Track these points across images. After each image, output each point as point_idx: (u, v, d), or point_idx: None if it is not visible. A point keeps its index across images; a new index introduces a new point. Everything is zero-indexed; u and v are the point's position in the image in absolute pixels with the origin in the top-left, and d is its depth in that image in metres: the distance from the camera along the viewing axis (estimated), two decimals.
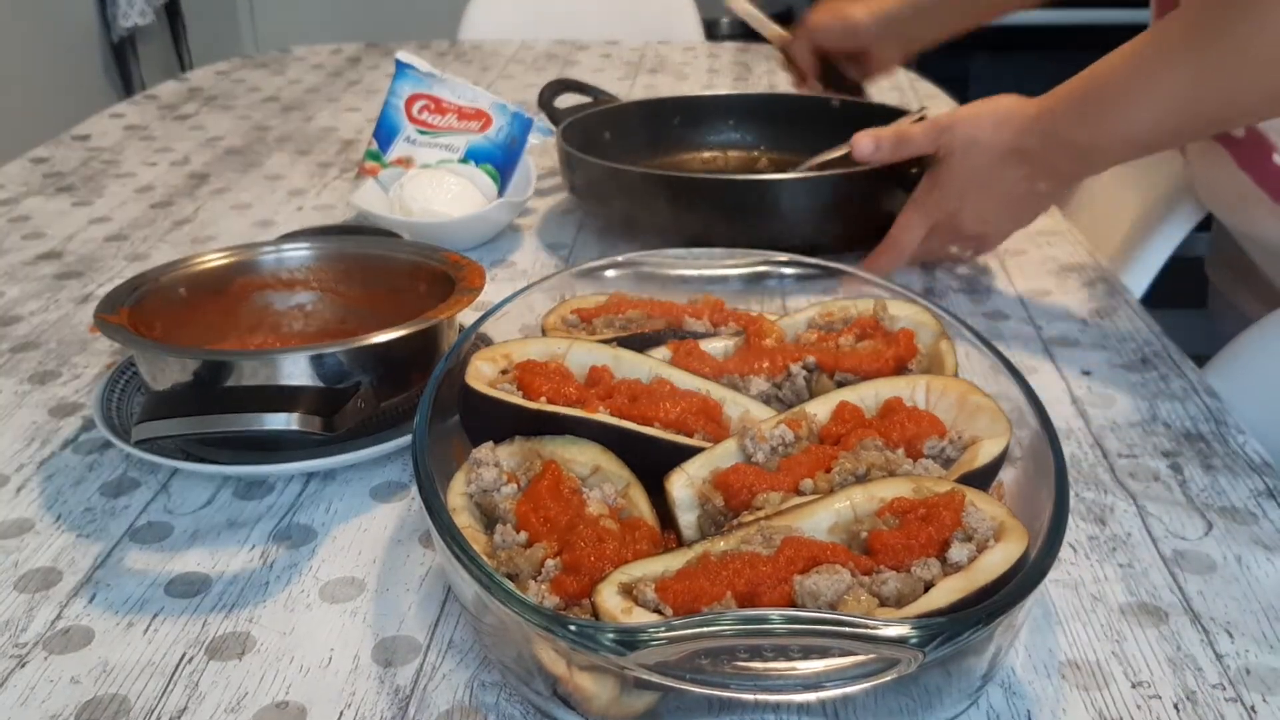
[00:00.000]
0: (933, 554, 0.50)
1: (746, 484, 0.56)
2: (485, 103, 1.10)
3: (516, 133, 1.09)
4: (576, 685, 0.47)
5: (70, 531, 0.66)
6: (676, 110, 1.23)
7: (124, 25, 2.89)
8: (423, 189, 1.03)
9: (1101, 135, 0.82)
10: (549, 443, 0.59)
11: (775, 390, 0.66)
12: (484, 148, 1.09)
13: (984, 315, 0.92)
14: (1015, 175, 0.87)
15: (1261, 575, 0.61)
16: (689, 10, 2.15)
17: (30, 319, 0.93)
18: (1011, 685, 0.54)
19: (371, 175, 1.08)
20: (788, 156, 1.21)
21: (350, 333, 0.77)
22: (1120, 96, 0.81)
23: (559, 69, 1.70)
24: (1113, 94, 0.82)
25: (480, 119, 1.10)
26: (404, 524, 0.66)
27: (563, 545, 0.53)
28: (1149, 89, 0.80)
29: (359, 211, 1.05)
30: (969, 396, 0.61)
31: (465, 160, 1.09)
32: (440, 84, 1.11)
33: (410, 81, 1.11)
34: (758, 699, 0.46)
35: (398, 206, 1.03)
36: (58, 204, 1.18)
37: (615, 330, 0.71)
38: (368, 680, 0.55)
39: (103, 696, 0.54)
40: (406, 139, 1.10)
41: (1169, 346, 0.86)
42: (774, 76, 1.66)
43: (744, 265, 0.77)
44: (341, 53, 1.85)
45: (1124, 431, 0.75)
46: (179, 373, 0.68)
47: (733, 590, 0.48)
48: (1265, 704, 0.53)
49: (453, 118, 1.10)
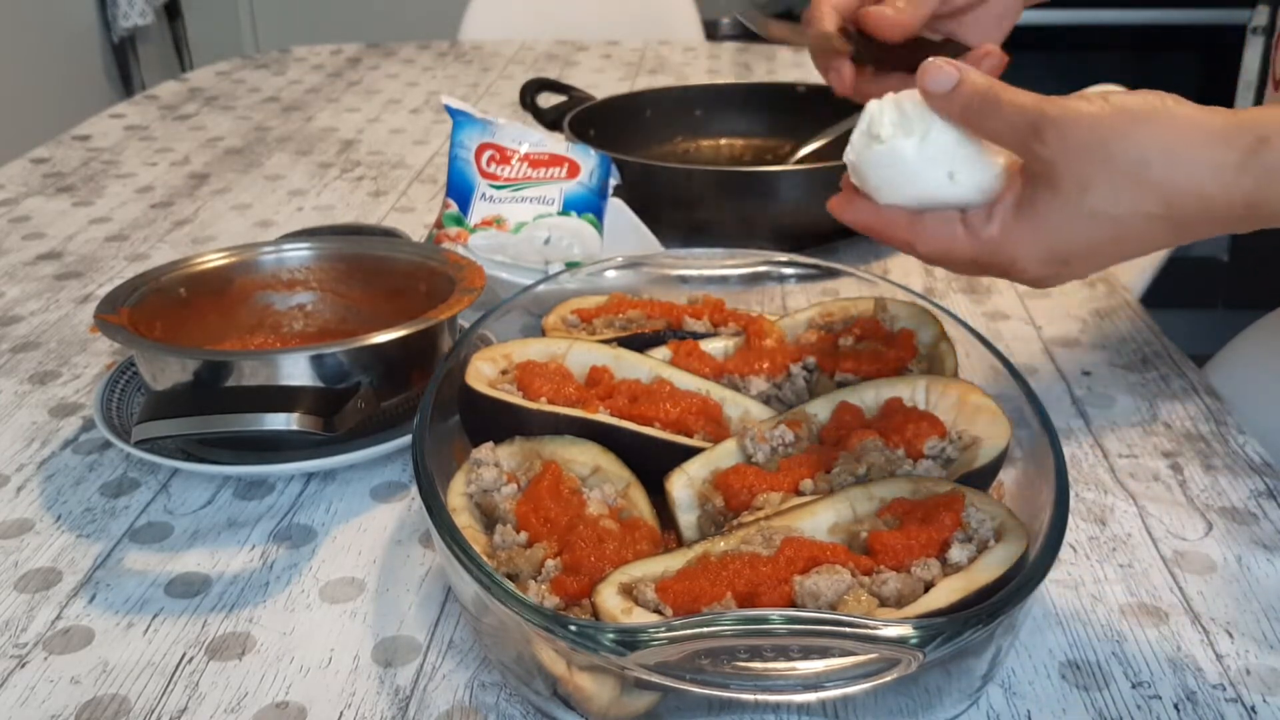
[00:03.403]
0: (933, 554, 0.50)
1: (746, 484, 0.56)
2: (558, 147, 0.96)
3: (604, 175, 0.96)
4: (576, 685, 0.47)
5: (70, 531, 0.66)
6: (648, 104, 1.25)
7: (124, 25, 2.89)
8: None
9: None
10: (549, 443, 0.59)
11: (775, 390, 0.66)
12: (581, 195, 0.94)
13: (984, 315, 0.92)
14: (1166, 235, 0.54)
15: (1261, 575, 0.61)
16: (689, 10, 2.15)
17: (30, 319, 0.93)
18: (1011, 685, 0.54)
19: (460, 243, 0.90)
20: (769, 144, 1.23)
21: (350, 333, 0.77)
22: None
23: (559, 69, 1.70)
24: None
25: (560, 164, 0.95)
26: (404, 524, 0.66)
27: (563, 545, 0.53)
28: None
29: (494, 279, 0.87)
30: (969, 396, 0.61)
31: (565, 212, 0.93)
32: (499, 130, 0.96)
33: (474, 130, 0.95)
34: (758, 699, 0.46)
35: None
36: (58, 204, 1.18)
37: (615, 330, 0.71)
38: (368, 680, 0.55)
39: (103, 696, 0.54)
40: (483, 196, 0.94)
41: (1169, 346, 0.86)
42: (774, 77, 1.66)
43: (744, 265, 0.77)
44: (341, 53, 1.85)
45: (1124, 431, 0.75)
46: (179, 373, 0.68)
47: (733, 590, 0.48)
48: (1265, 704, 0.53)
49: (525, 166, 0.94)
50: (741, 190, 1.01)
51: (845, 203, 0.61)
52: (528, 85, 1.22)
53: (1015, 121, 0.54)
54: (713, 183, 1.02)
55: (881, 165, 0.57)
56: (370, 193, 1.21)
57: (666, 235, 0.98)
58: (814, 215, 1.00)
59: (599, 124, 1.15)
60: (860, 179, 0.59)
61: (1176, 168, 0.51)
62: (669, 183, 1.02)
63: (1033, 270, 0.57)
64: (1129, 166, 0.52)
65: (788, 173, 1.03)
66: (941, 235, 0.57)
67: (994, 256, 0.57)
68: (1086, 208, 0.53)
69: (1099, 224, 0.53)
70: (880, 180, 0.58)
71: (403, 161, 1.31)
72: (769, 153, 1.22)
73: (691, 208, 1.01)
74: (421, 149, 1.35)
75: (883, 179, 0.57)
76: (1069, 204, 0.53)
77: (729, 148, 1.25)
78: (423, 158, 1.32)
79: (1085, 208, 0.53)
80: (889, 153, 0.57)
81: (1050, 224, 0.55)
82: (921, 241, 0.58)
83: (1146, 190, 0.52)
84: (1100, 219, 0.53)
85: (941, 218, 0.57)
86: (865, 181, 0.58)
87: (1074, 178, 0.53)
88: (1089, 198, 0.53)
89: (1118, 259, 0.56)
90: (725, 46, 1.88)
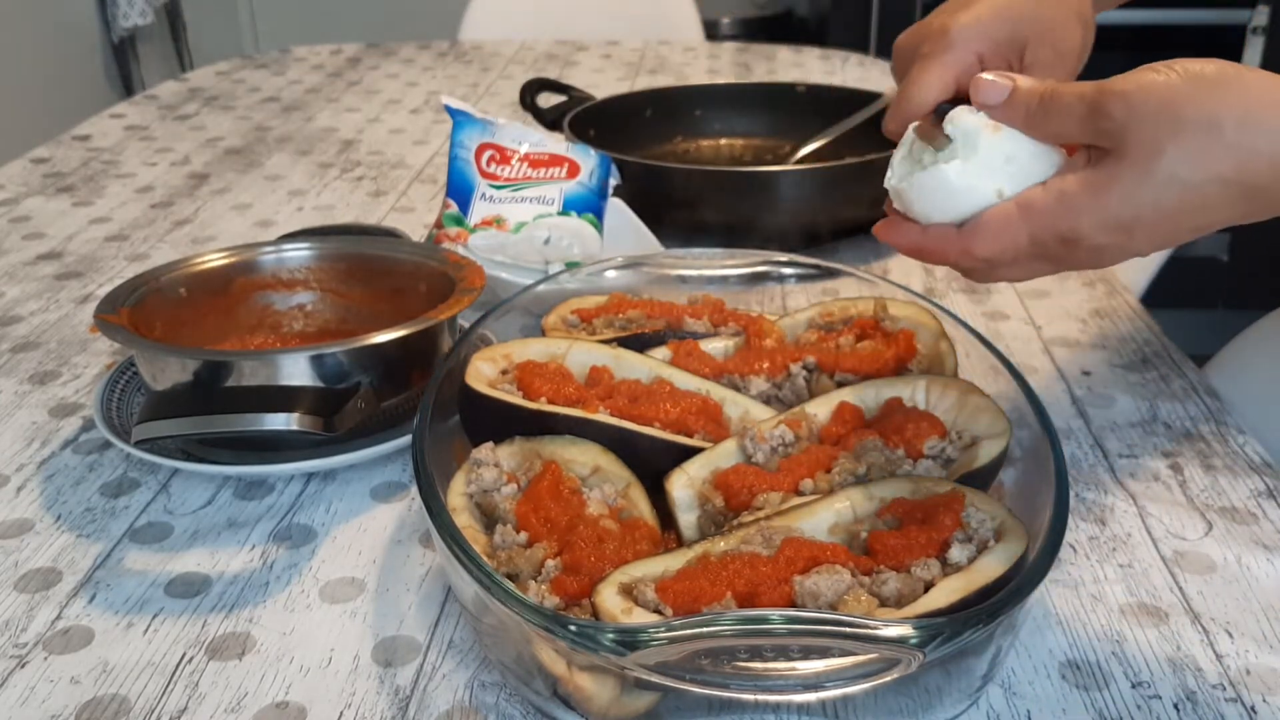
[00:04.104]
0: (933, 554, 0.50)
1: (746, 484, 0.56)
2: (558, 147, 0.96)
3: (604, 175, 0.96)
4: (576, 685, 0.47)
5: (70, 531, 0.66)
6: (648, 104, 1.25)
7: (124, 25, 2.89)
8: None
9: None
10: (549, 443, 0.59)
11: (775, 390, 0.66)
12: (581, 195, 0.94)
13: (984, 315, 0.92)
14: (1235, 204, 0.52)
15: (1261, 575, 0.61)
16: (689, 10, 2.15)
17: (30, 319, 0.93)
18: (1011, 685, 0.54)
19: (460, 243, 0.91)
20: (769, 144, 1.24)
21: (350, 333, 0.78)
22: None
23: (559, 69, 1.70)
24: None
25: (560, 164, 0.95)
26: (404, 524, 0.66)
27: (563, 545, 0.53)
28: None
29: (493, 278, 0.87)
30: (969, 396, 0.61)
31: (565, 212, 0.93)
32: (499, 130, 0.97)
33: (474, 130, 0.96)
34: (758, 699, 0.46)
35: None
36: (58, 204, 1.18)
37: (615, 330, 0.71)
38: (368, 680, 0.55)
39: (103, 696, 0.54)
40: (483, 196, 0.94)
41: (1169, 346, 0.86)
42: (774, 77, 1.66)
43: (744, 265, 0.77)
44: (341, 53, 1.85)
45: (1124, 431, 0.75)
46: (179, 373, 0.68)
47: (733, 590, 0.48)
48: (1265, 704, 0.53)
49: (525, 166, 0.95)
50: (741, 190, 1.01)
51: (890, 227, 0.59)
52: (528, 85, 1.22)
53: (1078, 110, 0.52)
54: (713, 183, 1.02)
55: (927, 189, 0.56)
56: (370, 193, 1.21)
57: (666, 235, 0.98)
58: (814, 215, 1.01)
59: (599, 124, 1.15)
60: (905, 204, 0.57)
61: (1251, 132, 0.50)
62: (669, 183, 1.02)
63: (1095, 238, 0.53)
64: (1201, 130, 0.50)
65: (788, 173, 1.04)
66: (996, 226, 0.55)
67: (1054, 229, 0.53)
68: (1156, 172, 0.51)
69: (1169, 189, 0.51)
70: (927, 205, 0.56)
71: (403, 161, 1.31)
72: (769, 153, 1.22)
73: (691, 208, 1.01)
74: (421, 149, 1.35)
75: (930, 203, 0.56)
76: (1136, 168, 0.51)
77: (729, 148, 1.25)
78: (423, 158, 1.32)
79: (1155, 172, 0.51)
80: (933, 176, 0.55)
81: (1118, 190, 0.52)
82: (977, 243, 0.55)
83: (1219, 153, 0.50)
84: (1170, 184, 0.51)
85: (995, 209, 0.55)
86: (910, 206, 0.57)
87: (1143, 143, 0.51)
88: (1159, 162, 0.50)
89: (1184, 231, 0.54)
90: (725, 46, 1.88)
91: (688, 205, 1.01)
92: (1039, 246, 0.54)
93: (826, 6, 2.71)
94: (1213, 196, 0.51)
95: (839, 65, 1.72)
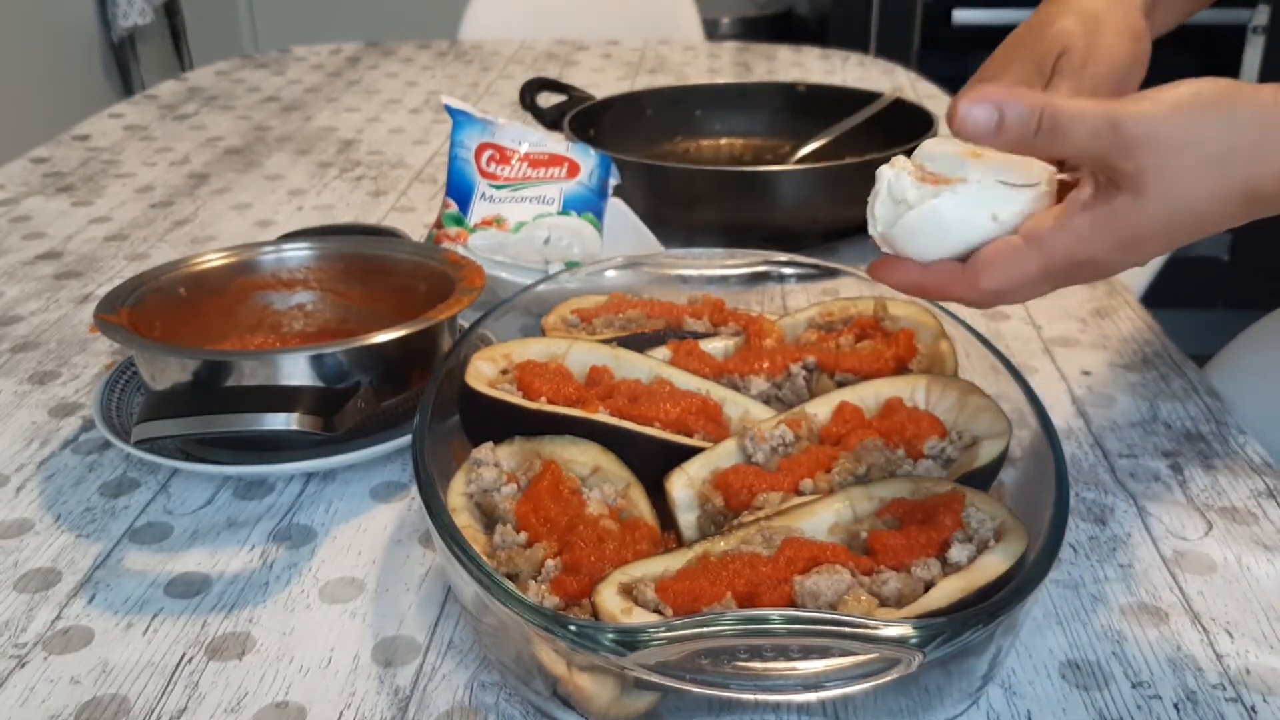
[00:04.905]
0: (933, 554, 0.50)
1: (746, 484, 0.56)
2: (558, 147, 0.96)
3: (604, 174, 0.96)
4: (576, 685, 0.47)
5: (70, 531, 0.66)
6: (648, 103, 1.25)
7: (124, 25, 2.89)
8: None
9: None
10: (549, 443, 0.59)
11: (775, 390, 0.66)
12: (581, 195, 0.94)
13: (984, 315, 0.92)
14: (1243, 215, 0.53)
15: (1261, 575, 0.61)
16: (689, 10, 2.15)
17: (30, 319, 0.93)
18: (1011, 685, 0.54)
19: (460, 243, 0.91)
20: (769, 144, 1.24)
21: (350, 333, 0.77)
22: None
23: (559, 69, 1.70)
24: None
25: (560, 164, 0.94)
26: (404, 524, 0.66)
27: (563, 545, 0.53)
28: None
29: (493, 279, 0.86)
30: (969, 396, 0.61)
31: (565, 212, 0.93)
32: (499, 130, 0.96)
33: (474, 129, 0.95)
34: (758, 699, 0.46)
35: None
36: (58, 204, 1.18)
37: (615, 330, 0.71)
38: (368, 680, 0.55)
39: (103, 696, 0.54)
40: (483, 196, 0.94)
41: (1169, 346, 0.86)
42: (774, 76, 1.66)
43: (744, 265, 0.77)
44: (341, 53, 1.85)
45: (1124, 431, 0.75)
46: (179, 373, 0.68)
47: (733, 590, 0.48)
48: (1265, 704, 0.53)
49: (525, 166, 0.94)
50: (741, 190, 1.01)
51: (887, 267, 0.57)
52: (528, 85, 1.22)
53: (1084, 141, 0.51)
54: (713, 183, 1.02)
55: (920, 229, 0.54)
56: (370, 192, 1.21)
57: (666, 235, 0.98)
58: (814, 215, 1.01)
59: (599, 124, 1.15)
60: (896, 247, 0.55)
61: (1263, 156, 0.50)
62: (669, 183, 1.02)
63: (1107, 259, 0.54)
64: (1214, 157, 0.50)
65: (788, 173, 1.04)
66: (1004, 259, 0.54)
67: (1070, 258, 0.54)
68: (1173, 202, 0.51)
69: (1184, 215, 0.52)
70: (922, 244, 0.55)
71: (402, 161, 1.31)
72: (769, 153, 1.22)
73: (691, 208, 1.01)
74: (421, 149, 1.35)
75: (925, 241, 0.54)
76: (1153, 201, 0.51)
77: (729, 148, 1.25)
78: (423, 157, 1.32)
79: (1171, 202, 0.51)
80: (924, 215, 0.54)
81: (1133, 219, 0.52)
82: (985, 278, 0.54)
83: (1233, 179, 0.51)
84: (1186, 211, 0.52)
85: (1000, 243, 0.54)
86: (904, 249, 0.55)
87: (1155, 173, 0.51)
88: (1171, 190, 0.51)
89: (1190, 240, 0.54)
90: (725, 46, 1.88)
91: (688, 205, 1.01)
92: (1049, 273, 0.54)
93: (826, 6, 2.71)
94: (1221, 214, 0.52)
95: (839, 65, 1.72)
